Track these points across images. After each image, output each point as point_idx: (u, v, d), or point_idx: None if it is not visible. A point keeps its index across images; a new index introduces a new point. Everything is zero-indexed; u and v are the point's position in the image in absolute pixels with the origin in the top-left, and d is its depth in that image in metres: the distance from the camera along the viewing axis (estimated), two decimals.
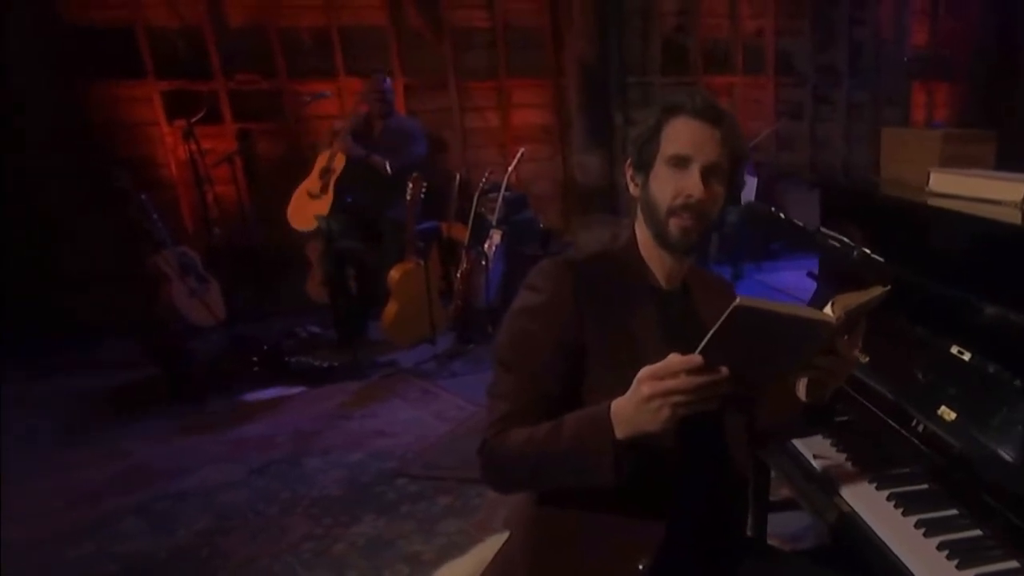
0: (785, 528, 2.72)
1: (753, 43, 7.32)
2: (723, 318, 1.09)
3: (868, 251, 1.68)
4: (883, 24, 7.72)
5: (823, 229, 1.68)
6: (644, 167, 1.48)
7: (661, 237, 1.48)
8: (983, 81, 7.77)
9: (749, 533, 2.28)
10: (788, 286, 5.68)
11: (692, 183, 1.41)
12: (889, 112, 7.77)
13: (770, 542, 2.47)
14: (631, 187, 1.53)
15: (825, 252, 1.94)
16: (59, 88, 5.15)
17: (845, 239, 1.69)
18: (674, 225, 1.44)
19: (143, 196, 4.69)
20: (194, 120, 4.84)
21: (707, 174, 1.42)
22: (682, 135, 1.43)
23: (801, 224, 1.69)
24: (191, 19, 5.46)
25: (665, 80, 6.89)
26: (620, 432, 1.24)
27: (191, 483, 3.39)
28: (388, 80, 5.33)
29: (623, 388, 1.27)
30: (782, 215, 1.65)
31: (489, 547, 1.71)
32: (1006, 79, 7.53)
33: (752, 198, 5.54)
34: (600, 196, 6.60)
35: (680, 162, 1.43)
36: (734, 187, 1.51)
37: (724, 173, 1.45)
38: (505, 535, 1.60)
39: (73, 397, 4.36)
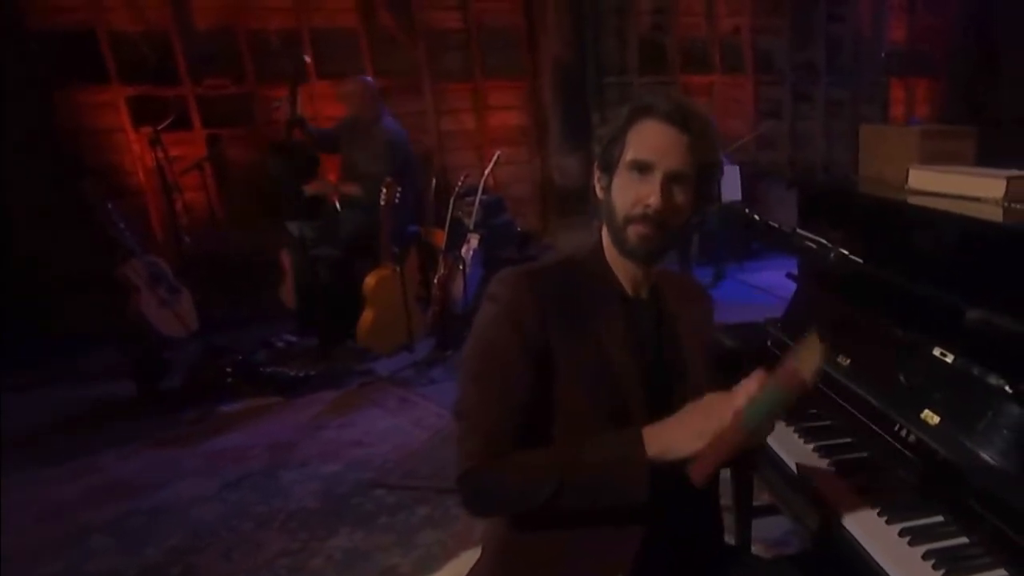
0: (769, 533, 2.69)
1: (731, 41, 7.33)
2: None
3: (845, 251, 1.64)
4: (861, 20, 7.73)
5: (799, 230, 1.63)
6: (608, 169, 1.43)
7: (619, 244, 1.43)
8: (962, 77, 7.80)
9: (732, 541, 2.25)
10: (770, 286, 5.67)
11: (651, 191, 1.36)
12: (868, 109, 7.79)
13: (754, 548, 2.44)
14: (597, 189, 1.48)
15: (802, 253, 1.90)
16: (33, 95, 5.07)
17: (822, 240, 1.65)
18: (632, 233, 1.39)
19: (109, 205, 4.59)
20: (161, 127, 4.75)
21: (670, 182, 1.37)
22: (647, 140, 1.37)
23: (776, 225, 1.64)
24: (156, 23, 5.38)
25: (643, 80, 6.88)
26: (652, 451, 1.26)
27: (164, 498, 3.33)
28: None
29: (592, 397, 1.31)
30: (756, 217, 1.60)
31: (464, 562, 1.68)
32: (985, 74, 7.56)
33: (738, 195, 5.50)
34: (579, 198, 6.57)
35: (642, 168, 1.37)
36: (704, 196, 1.44)
37: (690, 181, 1.39)
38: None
39: (47, 408, 4.30)
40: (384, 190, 4.63)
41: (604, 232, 1.48)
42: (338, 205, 5.01)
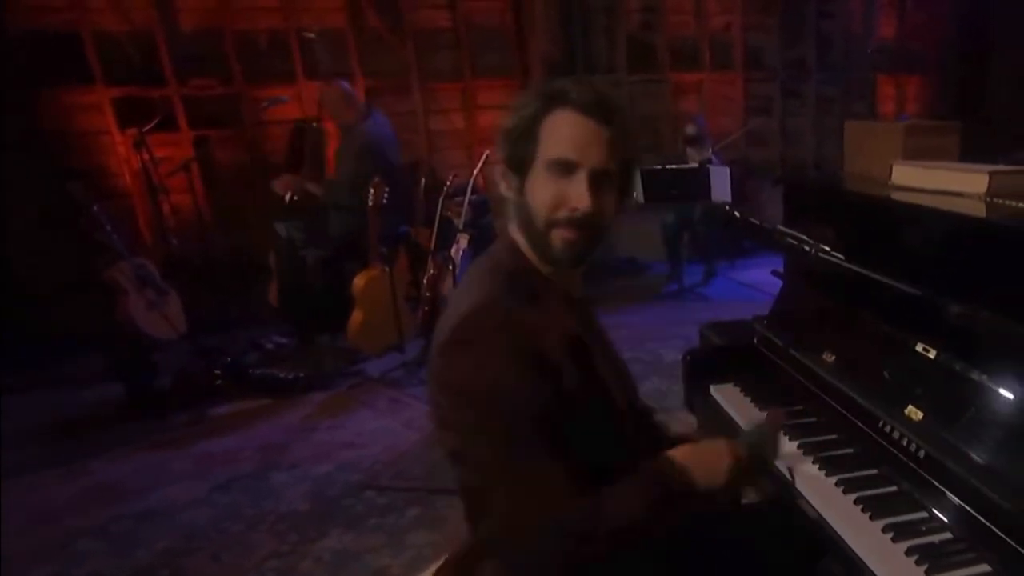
0: None
1: (720, 39, 7.32)
2: None
3: (827, 248, 1.64)
4: (851, 18, 7.74)
5: (781, 227, 1.63)
6: (519, 167, 1.29)
7: (541, 250, 1.31)
8: (952, 74, 7.81)
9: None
10: (760, 283, 5.66)
11: (578, 194, 1.24)
12: (858, 106, 7.80)
13: None
14: (502, 187, 1.33)
15: (785, 250, 1.90)
16: (16, 96, 5.02)
17: (804, 237, 1.64)
18: (556, 238, 1.27)
19: (95, 207, 4.57)
20: (147, 128, 4.72)
21: (595, 181, 1.25)
22: (564, 134, 1.25)
23: (758, 223, 1.64)
24: (141, 23, 5.34)
25: (631, 78, 6.87)
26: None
27: (153, 501, 3.32)
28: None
29: (599, 409, 1.32)
30: (737, 214, 1.59)
31: None
32: (975, 71, 7.57)
33: (728, 195, 5.50)
34: None
35: (564, 167, 1.24)
36: (625, 192, 1.36)
37: (614, 178, 1.29)
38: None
39: (33, 413, 4.28)
40: (372, 191, 4.62)
41: (516, 235, 1.36)
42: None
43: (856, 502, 1.58)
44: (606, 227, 1.31)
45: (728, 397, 2.16)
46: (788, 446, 1.82)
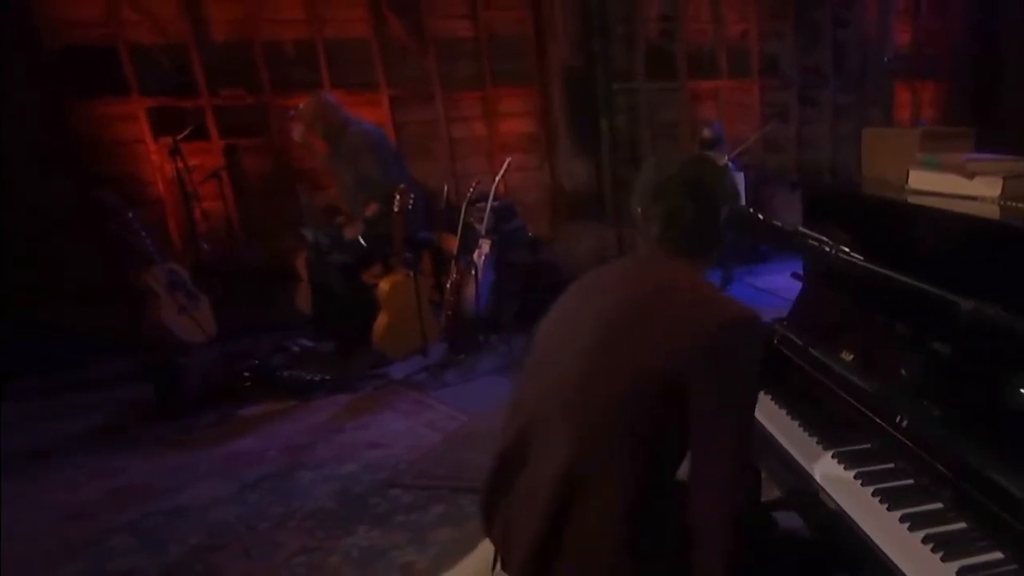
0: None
1: (738, 46, 7.34)
2: None
3: (847, 250, 1.69)
4: (867, 25, 7.75)
5: (802, 229, 1.69)
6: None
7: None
8: (967, 79, 7.81)
9: None
10: (777, 288, 5.69)
11: None
12: (874, 112, 7.79)
13: None
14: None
15: (805, 252, 1.97)
16: (44, 107, 5.11)
17: (824, 239, 1.70)
18: None
19: (130, 214, 4.67)
20: (180, 137, 4.82)
21: None
22: None
23: (780, 225, 1.70)
24: (175, 36, 5.41)
25: (650, 85, 6.90)
26: None
27: (183, 500, 3.38)
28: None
29: None
30: (760, 216, 1.66)
31: (480, 555, 1.73)
32: (990, 76, 7.56)
33: (742, 198, 5.55)
34: (588, 203, 6.61)
35: None
36: None
37: None
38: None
39: (63, 415, 4.35)
40: (397, 196, 4.68)
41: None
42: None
43: (874, 494, 1.63)
44: None
45: None
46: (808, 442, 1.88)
